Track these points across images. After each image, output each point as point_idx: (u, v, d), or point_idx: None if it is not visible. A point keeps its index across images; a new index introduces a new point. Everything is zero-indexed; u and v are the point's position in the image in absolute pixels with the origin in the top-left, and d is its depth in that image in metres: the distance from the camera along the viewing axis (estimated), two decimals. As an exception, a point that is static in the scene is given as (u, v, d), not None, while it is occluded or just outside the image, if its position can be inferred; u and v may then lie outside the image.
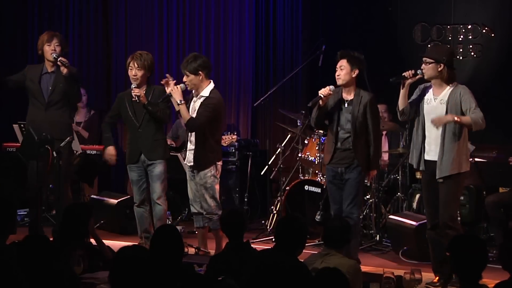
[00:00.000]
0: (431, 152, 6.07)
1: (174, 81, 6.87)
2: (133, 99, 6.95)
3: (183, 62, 6.93)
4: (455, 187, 6.05)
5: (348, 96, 6.50)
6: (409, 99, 6.22)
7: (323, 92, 6.42)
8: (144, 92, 6.93)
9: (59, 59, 7.09)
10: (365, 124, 6.45)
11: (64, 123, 7.25)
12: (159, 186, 6.97)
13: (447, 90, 6.05)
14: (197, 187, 6.92)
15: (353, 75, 6.45)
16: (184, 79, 6.85)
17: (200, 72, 6.81)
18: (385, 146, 8.86)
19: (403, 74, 6.08)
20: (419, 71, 6.07)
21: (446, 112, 5.98)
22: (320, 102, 6.45)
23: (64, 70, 7.08)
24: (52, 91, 7.23)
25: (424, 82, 6.23)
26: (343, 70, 6.44)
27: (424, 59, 6.08)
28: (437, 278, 6.11)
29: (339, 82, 6.46)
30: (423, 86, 6.21)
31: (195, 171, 6.87)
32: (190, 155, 6.88)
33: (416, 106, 6.16)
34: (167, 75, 6.99)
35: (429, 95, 6.12)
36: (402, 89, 6.13)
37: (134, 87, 6.89)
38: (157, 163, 6.95)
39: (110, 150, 7.17)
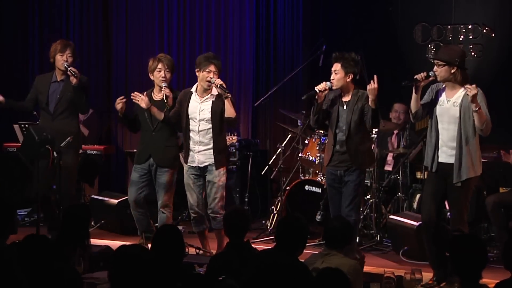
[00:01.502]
0: (443, 154, 6.06)
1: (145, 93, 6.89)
2: (156, 95, 6.90)
3: (216, 59, 6.82)
4: (468, 191, 6.07)
5: (346, 98, 6.49)
6: (421, 99, 6.19)
7: (319, 87, 6.40)
8: (164, 95, 6.90)
9: (69, 68, 7.09)
10: (361, 122, 6.43)
11: (71, 133, 7.17)
12: (164, 195, 6.94)
13: (461, 92, 6.01)
14: (200, 189, 6.88)
15: (348, 80, 6.43)
16: (214, 76, 6.75)
17: None
18: (394, 146, 8.84)
19: (415, 77, 6.02)
20: (431, 73, 6.02)
21: (460, 115, 5.96)
22: (317, 97, 6.43)
23: (73, 80, 7.08)
24: (59, 99, 7.23)
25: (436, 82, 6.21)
26: (337, 75, 6.42)
27: (436, 61, 6.04)
28: (433, 276, 6.11)
29: (333, 86, 6.44)
30: (435, 86, 6.16)
31: (210, 170, 6.79)
32: (201, 157, 6.81)
33: (428, 107, 6.13)
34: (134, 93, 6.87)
35: (442, 97, 6.08)
36: (415, 92, 6.07)
37: (165, 86, 6.83)
38: (165, 172, 6.92)
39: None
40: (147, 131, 6.99)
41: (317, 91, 6.40)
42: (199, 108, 6.80)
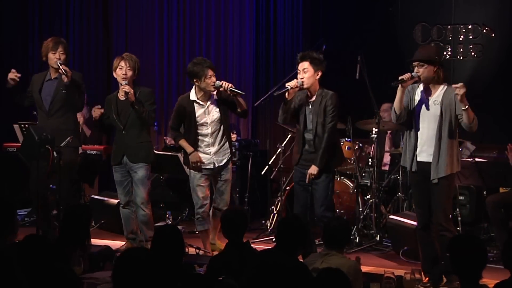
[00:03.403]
0: (423, 153, 6.03)
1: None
2: (121, 95, 6.95)
3: (208, 62, 6.86)
4: (449, 188, 6.05)
5: (312, 98, 6.44)
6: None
7: (290, 84, 6.35)
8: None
9: (60, 67, 7.05)
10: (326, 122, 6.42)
11: (68, 130, 7.12)
12: (142, 191, 6.97)
13: (440, 90, 5.99)
14: (209, 188, 6.96)
15: (317, 77, 6.40)
16: (214, 78, 6.82)
17: None
18: (388, 146, 8.84)
19: (401, 78, 5.97)
20: (414, 74, 5.98)
21: (441, 113, 5.94)
22: (287, 95, 6.37)
23: (65, 79, 7.05)
24: (54, 97, 7.18)
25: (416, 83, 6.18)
26: (306, 73, 6.39)
27: (417, 62, 5.96)
28: (427, 278, 6.09)
29: (303, 85, 6.38)
30: (411, 88, 6.10)
31: (226, 168, 6.93)
32: (218, 156, 6.92)
33: (408, 107, 6.11)
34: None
35: (421, 97, 6.04)
36: (400, 93, 6.02)
37: (125, 84, 6.87)
38: (140, 167, 6.95)
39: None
40: (118, 130, 7.05)
41: (289, 87, 6.35)
42: (207, 112, 6.88)
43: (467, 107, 5.81)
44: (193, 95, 6.91)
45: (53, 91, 7.22)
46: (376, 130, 7.90)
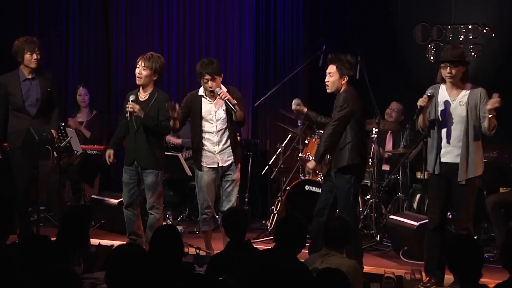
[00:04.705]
0: (448, 155, 5.99)
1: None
2: (142, 97, 6.86)
3: (208, 67, 6.73)
4: (474, 189, 6.06)
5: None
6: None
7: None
8: (148, 95, 6.86)
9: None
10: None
11: (49, 132, 7.10)
12: (151, 196, 6.90)
13: (466, 91, 5.97)
14: (216, 188, 6.95)
15: (343, 82, 6.34)
16: (212, 84, 6.75)
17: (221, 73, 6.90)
18: (389, 145, 8.84)
19: (420, 105, 5.90)
20: (428, 92, 5.93)
21: (467, 114, 5.92)
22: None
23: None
24: (42, 99, 7.15)
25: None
26: (332, 77, 6.33)
27: (447, 63, 5.91)
28: (428, 278, 6.08)
29: (328, 90, 6.35)
30: (433, 87, 6.07)
31: (233, 169, 6.91)
32: (223, 156, 6.88)
33: (432, 111, 6.05)
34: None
35: (444, 97, 6.01)
36: (423, 114, 5.97)
37: (132, 100, 6.75)
38: (149, 173, 6.86)
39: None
40: (131, 131, 6.90)
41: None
42: (214, 109, 6.86)
43: (492, 115, 5.79)
44: (201, 90, 6.91)
45: (38, 93, 7.18)
46: (376, 130, 7.90)
